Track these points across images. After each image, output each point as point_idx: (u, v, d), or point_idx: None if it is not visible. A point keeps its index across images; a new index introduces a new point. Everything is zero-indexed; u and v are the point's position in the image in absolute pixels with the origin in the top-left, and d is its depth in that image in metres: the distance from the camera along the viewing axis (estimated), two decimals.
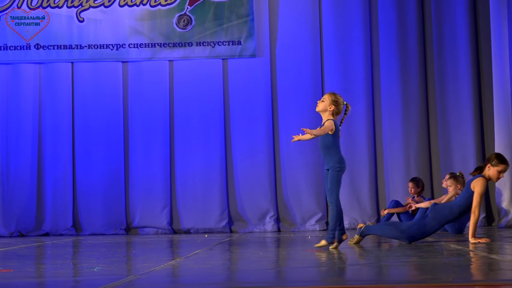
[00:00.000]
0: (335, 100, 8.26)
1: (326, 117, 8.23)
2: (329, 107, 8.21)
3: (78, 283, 5.72)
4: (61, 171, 13.02)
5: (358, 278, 5.63)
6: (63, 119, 13.08)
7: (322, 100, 8.28)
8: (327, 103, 8.24)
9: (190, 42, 13.03)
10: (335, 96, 8.29)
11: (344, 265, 6.61)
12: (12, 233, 12.83)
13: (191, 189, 13.02)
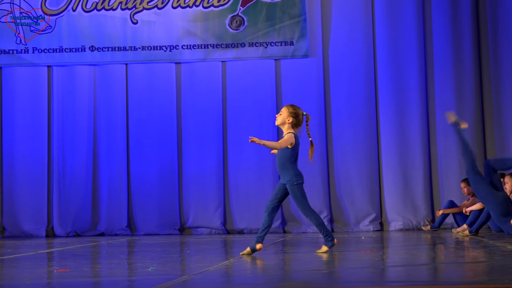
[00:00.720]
0: (293, 111, 8.10)
1: (286, 130, 8.08)
2: (287, 120, 8.06)
3: (133, 283, 5.77)
4: (116, 171, 13.14)
5: (414, 279, 5.58)
6: (118, 119, 13.20)
7: (280, 114, 8.14)
8: (285, 115, 8.08)
9: (242, 43, 13.05)
10: (293, 108, 8.14)
11: (399, 266, 6.56)
12: (68, 233, 12.99)
13: (244, 190, 13.04)
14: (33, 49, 13.17)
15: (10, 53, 13.16)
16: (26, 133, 13.19)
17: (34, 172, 13.11)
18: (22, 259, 8.18)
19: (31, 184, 13.11)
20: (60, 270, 6.62)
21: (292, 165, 7.94)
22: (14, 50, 13.17)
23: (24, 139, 13.16)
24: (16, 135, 13.17)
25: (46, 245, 10.63)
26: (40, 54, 13.17)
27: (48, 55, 13.18)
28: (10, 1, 13.23)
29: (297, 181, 7.93)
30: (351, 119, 12.89)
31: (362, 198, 12.89)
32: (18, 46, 13.17)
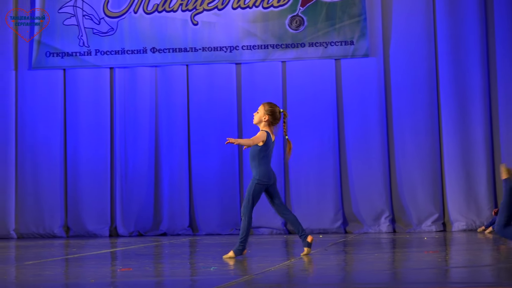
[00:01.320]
0: (269, 109, 8.10)
1: (262, 127, 8.09)
2: (264, 118, 8.06)
3: (195, 282, 5.81)
4: (177, 171, 13.23)
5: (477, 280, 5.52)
6: (179, 120, 13.29)
7: (257, 112, 8.14)
8: (262, 113, 8.09)
9: (302, 43, 13.04)
10: (269, 106, 8.13)
11: (462, 267, 6.49)
12: (131, 232, 13.13)
13: (305, 190, 13.02)
14: (95, 51, 13.35)
15: (74, 55, 13.36)
16: (89, 134, 13.37)
17: (97, 172, 13.29)
18: (86, 258, 8.30)
19: (94, 184, 13.29)
20: (123, 270, 6.70)
21: (260, 162, 7.98)
22: (77, 52, 13.36)
23: (88, 139, 13.34)
24: (79, 136, 13.36)
25: (109, 245, 10.77)
26: (103, 56, 13.34)
27: (110, 57, 13.34)
28: (73, 4, 13.43)
29: (259, 180, 7.97)
30: (413, 119, 12.78)
31: (424, 198, 12.77)
32: (81, 48, 13.36)
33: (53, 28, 13.39)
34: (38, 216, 13.25)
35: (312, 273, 6.23)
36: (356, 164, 12.93)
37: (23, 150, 13.40)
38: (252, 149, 8.02)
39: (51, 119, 13.37)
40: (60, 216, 13.28)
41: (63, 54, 13.36)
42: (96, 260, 7.98)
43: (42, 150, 13.35)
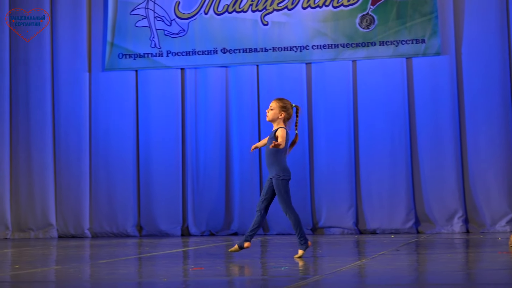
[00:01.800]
0: (284, 105, 8.04)
1: (278, 125, 8.03)
2: (279, 115, 8.01)
3: (266, 282, 5.82)
4: (247, 172, 13.27)
5: None
6: (249, 120, 13.33)
7: (270, 109, 8.06)
8: (277, 111, 8.02)
9: (373, 42, 12.96)
10: (282, 102, 8.07)
11: None
12: (203, 232, 13.23)
13: (377, 189, 12.93)
14: (167, 52, 13.48)
15: (146, 56, 13.52)
16: (161, 135, 13.51)
17: (169, 172, 13.42)
18: (159, 257, 8.39)
19: (166, 183, 13.43)
20: (195, 269, 6.75)
21: (279, 158, 7.97)
22: (149, 53, 13.52)
23: (159, 140, 13.49)
24: (151, 136, 13.51)
25: (181, 244, 10.87)
26: (174, 57, 13.47)
27: (181, 58, 13.46)
28: (145, 6, 13.60)
29: (284, 176, 7.99)
30: (486, 117, 12.59)
31: (498, 198, 12.56)
32: (153, 49, 13.51)
33: (125, 30, 13.57)
34: (112, 215, 13.45)
35: (384, 274, 6.20)
36: (428, 163, 12.79)
37: (97, 150, 13.62)
38: (270, 142, 8.01)
39: (123, 119, 13.56)
40: (133, 216, 13.45)
41: (135, 56, 13.53)
42: (169, 259, 8.07)
43: (115, 150, 13.55)
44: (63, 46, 13.73)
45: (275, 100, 8.14)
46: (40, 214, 13.58)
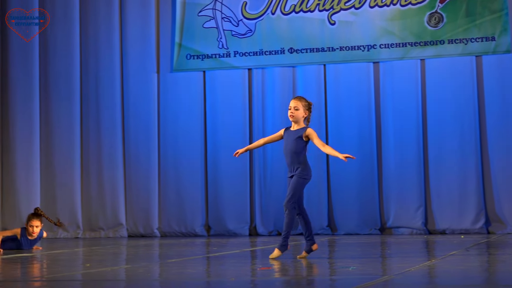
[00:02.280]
0: (308, 104, 8.01)
1: (301, 124, 7.98)
2: (304, 114, 7.97)
3: (334, 282, 5.81)
4: (315, 171, 13.24)
5: None
6: (317, 119, 13.21)
7: (295, 108, 7.97)
8: (302, 110, 7.97)
9: (441, 40, 12.81)
10: (305, 101, 8.02)
11: None
12: (270, 232, 13.25)
13: (446, 189, 12.78)
14: (234, 53, 13.54)
15: (213, 57, 13.60)
16: (229, 134, 13.57)
17: (237, 172, 13.47)
18: (227, 257, 8.43)
19: (234, 183, 13.48)
20: (263, 268, 6.77)
21: (304, 157, 7.93)
22: (217, 54, 13.60)
23: (227, 140, 13.54)
24: (219, 137, 13.58)
25: (249, 244, 10.90)
26: (241, 57, 13.52)
27: (249, 58, 13.50)
28: (212, 7, 13.68)
29: (307, 176, 7.93)
30: None
31: None
32: (220, 50, 13.59)
33: (193, 31, 13.68)
34: (180, 215, 13.56)
35: (454, 274, 6.12)
36: (498, 162, 12.59)
37: (165, 150, 13.76)
38: (297, 144, 7.97)
39: (191, 120, 13.66)
40: (201, 215, 13.54)
41: (203, 57, 13.62)
42: (236, 258, 8.10)
43: (183, 150, 13.66)
44: (132, 47, 13.91)
45: (298, 100, 8.07)
46: (111, 214, 13.77)
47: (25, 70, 14.09)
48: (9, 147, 14.08)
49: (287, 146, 8.03)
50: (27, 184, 13.97)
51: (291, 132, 8.07)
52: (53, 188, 13.91)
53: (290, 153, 8.00)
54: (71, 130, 13.95)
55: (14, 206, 13.98)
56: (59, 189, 13.85)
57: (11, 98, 14.11)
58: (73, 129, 13.95)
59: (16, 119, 14.06)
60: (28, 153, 13.99)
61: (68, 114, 13.97)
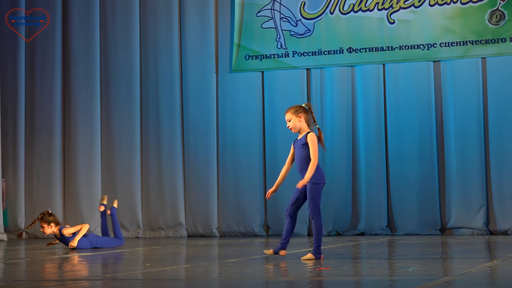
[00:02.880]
0: (295, 110, 7.98)
1: (304, 130, 7.98)
2: (299, 120, 7.93)
3: (394, 283, 5.77)
4: (374, 171, 13.16)
5: None
6: (375, 119, 13.19)
7: (288, 121, 8.00)
8: (295, 119, 7.98)
9: (503, 38, 12.62)
10: (294, 109, 8.01)
11: None
12: (329, 232, 13.21)
13: (509, 190, 12.59)
14: (293, 53, 13.54)
15: (272, 57, 13.61)
16: (287, 135, 13.50)
17: (295, 171, 13.41)
18: (284, 256, 8.42)
19: (293, 183, 13.42)
20: (321, 269, 6.75)
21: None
22: (275, 54, 13.60)
23: (285, 140, 13.48)
24: (277, 137, 13.56)
25: (307, 244, 10.86)
26: (300, 57, 13.51)
27: (307, 58, 13.48)
28: (271, 8, 13.69)
29: (319, 180, 7.92)
30: None
31: None
32: (279, 50, 13.59)
33: (252, 31, 13.71)
34: (239, 215, 13.60)
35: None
36: None
37: (224, 150, 13.81)
38: (303, 151, 7.97)
39: (250, 120, 13.68)
40: (260, 215, 13.56)
41: (261, 57, 13.64)
42: (294, 258, 8.09)
43: (241, 150, 13.70)
44: (191, 48, 13.99)
45: (287, 112, 8.13)
46: (170, 214, 13.87)
47: (86, 71, 14.26)
48: (71, 148, 14.27)
49: (296, 155, 8.09)
50: (88, 185, 14.14)
51: (298, 141, 8.14)
52: (114, 188, 14.06)
53: (299, 161, 8.08)
54: (131, 131, 14.08)
55: (76, 206, 14.16)
56: (119, 190, 13.99)
57: (73, 99, 14.30)
58: (133, 130, 14.08)
59: (78, 120, 14.24)
60: (89, 154, 14.16)
61: (128, 115, 14.11)
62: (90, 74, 14.26)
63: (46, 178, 14.24)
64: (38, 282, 6.23)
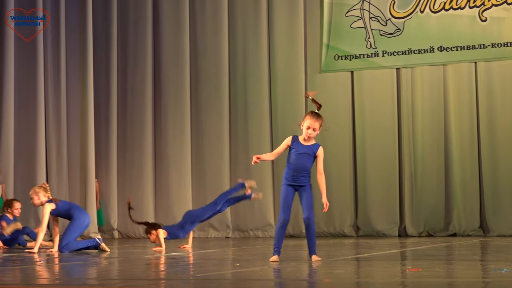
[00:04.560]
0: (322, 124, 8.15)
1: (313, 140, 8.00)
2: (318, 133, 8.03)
3: (487, 284, 5.66)
4: (468, 171, 12.96)
5: None
6: (468, 118, 12.99)
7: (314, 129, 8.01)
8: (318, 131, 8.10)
9: None
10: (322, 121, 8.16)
11: None
12: (420, 233, 13.05)
13: None
14: (382, 52, 13.43)
15: (361, 57, 13.53)
16: (376, 135, 13.46)
17: (386, 172, 13.35)
18: (375, 258, 8.37)
19: (383, 184, 13.37)
20: (412, 270, 6.68)
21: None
22: (365, 54, 13.52)
23: (375, 140, 13.45)
24: (366, 137, 13.49)
25: (398, 245, 10.78)
26: (389, 57, 13.39)
27: (397, 58, 13.36)
28: (360, 7, 13.61)
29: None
30: None
31: None
32: (368, 50, 13.51)
33: (341, 31, 13.65)
34: (329, 216, 13.54)
35: None
36: None
37: None
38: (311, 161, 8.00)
39: (339, 120, 13.62)
40: (350, 216, 13.50)
41: (351, 57, 13.57)
42: (386, 259, 8.03)
43: (331, 151, 13.61)
44: (280, 48, 14.01)
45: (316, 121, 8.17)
46: (259, 214, 13.93)
47: (176, 71, 14.45)
48: (162, 149, 14.47)
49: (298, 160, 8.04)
50: (179, 186, 14.31)
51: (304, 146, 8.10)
52: (204, 189, 14.20)
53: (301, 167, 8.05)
54: (220, 131, 14.20)
55: (167, 206, 14.35)
56: (209, 190, 14.11)
57: (164, 100, 14.50)
58: (222, 131, 14.19)
59: (168, 122, 14.44)
60: (180, 155, 14.34)
61: (217, 115, 14.23)
62: (180, 76, 14.42)
63: (138, 178, 14.48)
64: (128, 281, 6.34)
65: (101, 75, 14.59)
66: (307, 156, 7.97)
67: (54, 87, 14.21)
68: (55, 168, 14.09)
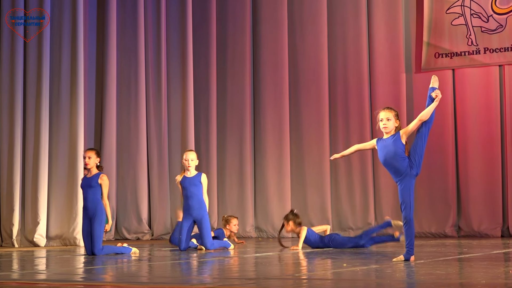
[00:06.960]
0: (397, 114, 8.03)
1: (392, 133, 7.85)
2: (395, 124, 7.94)
3: None
4: None
5: None
6: None
7: (388, 119, 7.93)
8: (394, 121, 7.98)
9: None
10: (396, 111, 8.01)
11: None
12: None
13: None
14: (484, 49, 13.21)
15: (462, 55, 13.33)
16: (479, 133, 13.24)
17: (488, 171, 13.14)
18: (477, 258, 8.24)
19: (486, 183, 13.14)
20: None
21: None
22: (466, 51, 13.32)
23: (477, 139, 13.24)
24: (468, 136, 13.30)
25: (501, 246, 10.58)
26: (491, 54, 13.16)
27: (499, 55, 13.12)
28: (461, 4, 13.40)
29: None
30: None
31: None
32: (469, 47, 13.30)
33: (441, 29, 13.49)
34: (431, 216, 13.37)
35: None
36: None
37: None
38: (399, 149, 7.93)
39: (441, 119, 13.42)
40: (452, 216, 13.31)
41: (451, 55, 13.39)
42: (487, 260, 7.90)
43: (433, 150, 13.43)
44: (379, 47, 13.94)
45: (387, 111, 8.12)
46: (360, 213, 13.89)
47: (275, 72, 14.52)
48: (261, 150, 14.57)
49: (385, 154, 8.00)
50: (279, 186, 14.37)
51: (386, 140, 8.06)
52: (304, 189, 14.23)
53: (388, 162, 8.01)
54: (320, 133, 14.19)
55: (266, 207, 14.43)
56: (309, 190, 14.14)
57: (263, 101, 14.59)
58: (322, 132, 14.18)
59: (267, 123, 14.52)
60: (279, 156, 14.40)
61: (317, 116, 14.24)
62: (278, 77, 14.49)
63: (238, 178, 14.61)
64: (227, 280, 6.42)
65: (201, 76, 14.78)
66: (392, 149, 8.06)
67: (155, 89, 14.48)
68: (156, 168, 14.35)
